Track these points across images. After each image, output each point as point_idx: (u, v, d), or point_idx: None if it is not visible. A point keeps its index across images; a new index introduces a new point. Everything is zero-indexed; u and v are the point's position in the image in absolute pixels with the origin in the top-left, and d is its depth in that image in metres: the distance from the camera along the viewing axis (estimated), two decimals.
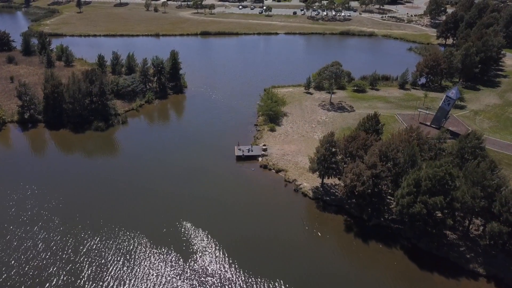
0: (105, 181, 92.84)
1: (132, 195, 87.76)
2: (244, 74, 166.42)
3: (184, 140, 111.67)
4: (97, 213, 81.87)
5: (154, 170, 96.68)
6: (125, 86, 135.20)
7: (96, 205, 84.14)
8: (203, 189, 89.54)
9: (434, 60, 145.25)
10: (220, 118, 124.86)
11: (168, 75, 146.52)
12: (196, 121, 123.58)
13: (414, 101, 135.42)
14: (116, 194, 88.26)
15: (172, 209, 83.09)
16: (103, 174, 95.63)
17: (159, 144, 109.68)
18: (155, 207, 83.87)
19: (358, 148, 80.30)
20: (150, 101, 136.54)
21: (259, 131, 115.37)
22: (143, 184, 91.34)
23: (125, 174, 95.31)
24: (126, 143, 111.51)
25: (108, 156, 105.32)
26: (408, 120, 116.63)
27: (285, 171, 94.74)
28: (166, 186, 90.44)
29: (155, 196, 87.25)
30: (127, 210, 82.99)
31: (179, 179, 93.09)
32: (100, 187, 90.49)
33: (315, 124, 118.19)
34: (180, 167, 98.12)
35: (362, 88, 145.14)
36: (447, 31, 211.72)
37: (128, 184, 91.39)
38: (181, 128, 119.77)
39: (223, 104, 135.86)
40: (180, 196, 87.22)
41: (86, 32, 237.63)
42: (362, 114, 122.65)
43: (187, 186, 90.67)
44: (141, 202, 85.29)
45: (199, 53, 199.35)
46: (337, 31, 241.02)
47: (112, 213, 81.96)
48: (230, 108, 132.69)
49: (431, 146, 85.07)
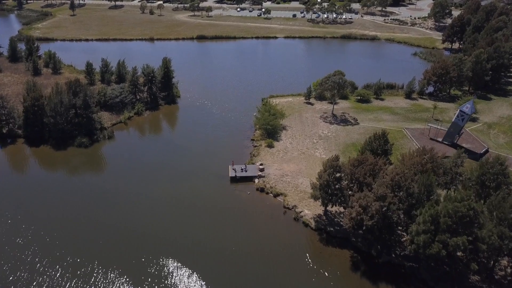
0: (86, 206, 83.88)
1: (113, 224, 78.81)
2: (241, 82, 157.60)
3: (175, 158, 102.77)
4: (74, 247, 72.95)
5: (139, 194, 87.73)
6: (113, 97, 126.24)
7: (74, 237, 75.22)
8: (192, 218, 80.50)
9: (442, 68, 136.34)
10: (215, 132, 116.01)
11: (160, 84, 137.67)
12: (188, 136, 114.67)
13: (422, 113, 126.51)
14: (96, 222, 79.28)
15: (156, 243, 74.10)
16: (84, 198, 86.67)
17: (146, 162, 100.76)
18: (136, 240, 74.90)
19: (366, 175, 71.40)
20: (140, 113, 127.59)
21: (256, 147, 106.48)
22: (126, 212, 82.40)
23: (108, 199, 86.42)
24: (111, 162, 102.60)
25: (91, 176, 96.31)
26: (418, 135, 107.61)
27: (284, 195, 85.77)
28: (151, 215, 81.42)
29: (137, 226, 78.24)
30: (107, 242, 74.09)
31: (166, 207, 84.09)
32: (79, 213, 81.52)
33: (316, 139, 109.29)
34: (169, 190, 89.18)
35: (366, 98, 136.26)
36: (453, 35, 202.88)
37: (111, 211, 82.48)
38: (172, 144, 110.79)
39: (218, 115, 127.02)
40: (166, 227, 78.06)
41: (78, 36, 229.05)
42: (367, 128, 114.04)
43: (175, 214, 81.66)
44: (123, 233, 76.37)
45: (194, 59, 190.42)
46: (338, 35, 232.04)
47: (91, 246, 73.02)
48: (225, 120, 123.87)
49: (447, 170, 76.23)
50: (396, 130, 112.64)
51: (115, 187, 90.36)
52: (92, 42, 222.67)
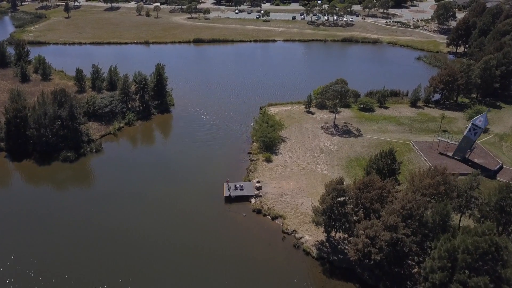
0: (69, 228, 77.10)
1: (97, 247, 72.14)
2: (239, 88, 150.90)
3: (166, 173, 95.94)
4: (58, 271, 66.28)
5: (125, 215, 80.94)
6: (102, 107, 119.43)
7: (58, 260, 68.54)
8: (181, 242, 73.77)
9: (450, 74, 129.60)
10: (209, 144, 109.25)
11: (153, 92, 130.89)
12: (181, 148, 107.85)
13: (429, 123, 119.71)
14: (80, 245, 72.59)
15: (140, 274, 67.49)
16: (67, 218, 79.85)
17: (135, 178, 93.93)
18: (120, 269, 68.26)
19: (373, 200, 64.71)
20: (131, 123, 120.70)
21: (253, 162, 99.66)
22: (111, 236, 75.66)
23: (93, 219, 79.65)
24: (98, 177, 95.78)
25: (75, 194, 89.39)
26: (426, 149, 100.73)
27: (283, 218, 78.93)
28: (136, 240, 74.74)
29: (117, 255, 71.63)
30: (92, 266, 67.43)
31: (153, 229, 77.34)
32: (63, 235, 74.80)
33: (317, 153, 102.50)
34: (158, 209, 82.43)
35: (370, 107, 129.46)
36: (458, 39, 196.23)
37: (95, 233, 75.73)
38: (163, 158, 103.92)
39: (213, 126, 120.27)
40: (151, 257, 71.40)
41: (71, 40, 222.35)
42: (372, 141, 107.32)
43: (162, 238, 74.92)
44: (106, 256, 69.72)
45: (190, 64, 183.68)
46: (339, 38, 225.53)
47: (74, 271, 66.35)
48: (221, 131, 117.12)
49: (461, 192, 69.52)
50: (403, 143, 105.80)
51: (99, 209, 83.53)
52: (85, 46, 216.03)
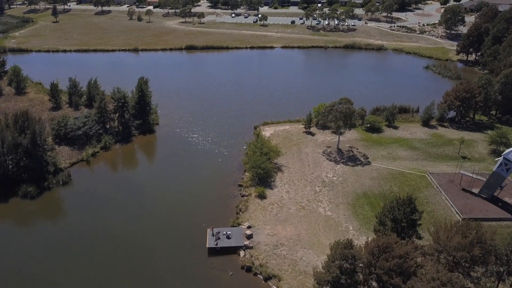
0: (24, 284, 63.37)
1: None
2: (232, 103, 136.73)
3: (140, 213, 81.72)
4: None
5: (85, 274, 66.97)
6: (75, 129, 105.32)
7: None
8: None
9: (467, 90, 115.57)
10: (196, 174, 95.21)
11: (134, 110, 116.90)
12: (162, 180, 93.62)
13: (445, 147, 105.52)
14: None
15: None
16: (12, 269, 66.00)
17: (104, 219, 79.68)
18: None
19: (391, 271, 50.65)
20: (108, 147, 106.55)
21: (244, 198, 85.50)
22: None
23: (46, 272, 65.70)
24: (62, 217, 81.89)
25: (33, 240, 75.38)
26: (446, 184, 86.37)
27: (278, 278, 64.66)
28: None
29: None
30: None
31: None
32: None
33: (319, 186, 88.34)
34: (124, 264, 68.42)
35: (377, 126, 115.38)
36: (469, 46, 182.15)
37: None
38: (140, 192, 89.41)
39: (201, 150, 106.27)
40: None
41: (56, 47, 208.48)
42: (381, 170, 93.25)
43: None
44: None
45: (180, 74, 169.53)
46: (340, 44, 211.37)
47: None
48: (209, 156, 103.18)
49: (500, 255, 55.55)
50: (418, 174, 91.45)
51: (54, 260, 69.55)
52: (70, 54, 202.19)
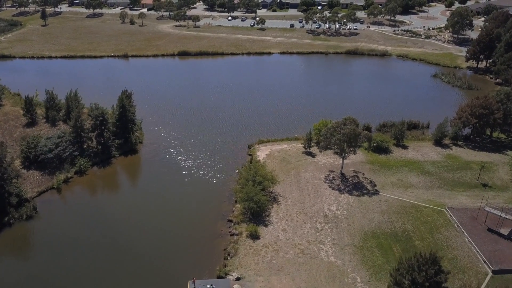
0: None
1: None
2: (225, 117, 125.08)
3: (112, 258, 70.15)
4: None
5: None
6: (46, 151, 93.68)
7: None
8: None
9: (484, 106, 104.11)
10: (179, 205, 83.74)
11: (115, 128, 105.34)
12: (141, 214, 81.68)
13: (463, 171, 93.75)
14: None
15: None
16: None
17: (71, 265, 68.25)
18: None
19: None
20: (83, 171, 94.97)
21: (234, 237, 73.82)
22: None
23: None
24: (23, 260, 70.31)
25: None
26: (468, 222, 74.50)
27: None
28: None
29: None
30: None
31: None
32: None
33: (321, 223, 76.62)
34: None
35: (385, 146, 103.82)
36: (479, 53, 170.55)
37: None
38: (114, 230, 77.19)
39: (188, 174, 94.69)
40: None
41: (41, 53, 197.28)
42: (391, 202, 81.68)
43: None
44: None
45: (170, 83, 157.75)
46: (342, 50, 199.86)
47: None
48: (197, 181, 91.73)
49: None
50: (435, 209, 79.37)
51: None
52: (55, 60, 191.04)
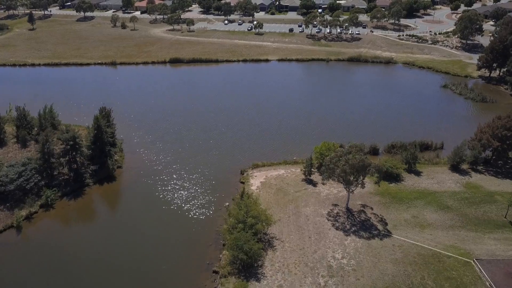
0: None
1: None
2: (215, 137, 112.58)
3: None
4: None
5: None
6: (6, 182, 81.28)
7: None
8: None
9: (508, 128, 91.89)
10: (158, 256, 71.13)
11: (90, 151, 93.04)
12: (110, 265, 69.22)
13: (486, 205, 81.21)
14: None
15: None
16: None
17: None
18: None
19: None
20: (50, 204, 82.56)
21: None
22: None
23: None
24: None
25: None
26: (503, 279, 61.93)
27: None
28: None
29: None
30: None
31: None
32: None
33: (324, 276, 64.17)
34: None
35: (396, 173, 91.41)
36: (492, 61, 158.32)
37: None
38: (80, 276, 65.70)
39: (171, 212, 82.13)
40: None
41: (24, 60, 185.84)
42: (406, 248, 69.28)
43: None
44: None
45: (158, 95, 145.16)
46: (344, 57, 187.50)
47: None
48: (180, 218, 79.50)
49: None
50: (460, 260, 66.50)
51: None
52: (39, 68, 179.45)
